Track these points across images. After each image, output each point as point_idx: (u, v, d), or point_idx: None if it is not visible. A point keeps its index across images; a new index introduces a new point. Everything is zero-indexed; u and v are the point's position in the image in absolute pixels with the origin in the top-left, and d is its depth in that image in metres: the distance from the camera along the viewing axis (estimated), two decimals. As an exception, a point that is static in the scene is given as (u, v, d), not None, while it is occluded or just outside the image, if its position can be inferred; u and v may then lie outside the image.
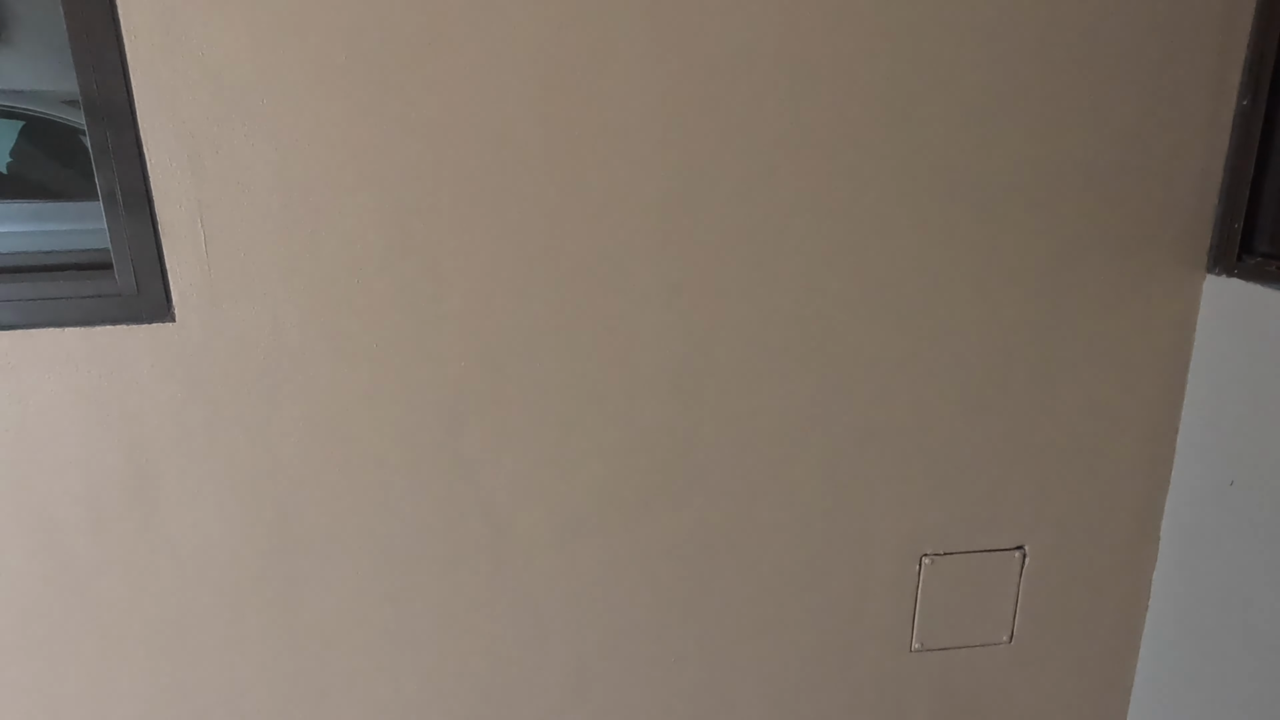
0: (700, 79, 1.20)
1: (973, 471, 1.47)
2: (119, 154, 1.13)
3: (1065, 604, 1.58)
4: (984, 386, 1.42)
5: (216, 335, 1.20)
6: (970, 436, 1.44)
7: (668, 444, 1.37)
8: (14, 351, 1.16)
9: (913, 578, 1.52)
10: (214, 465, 1.25)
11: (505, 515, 1.36)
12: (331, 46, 1.11)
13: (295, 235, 1.17)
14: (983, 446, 1.45)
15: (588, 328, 1.28)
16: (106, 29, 1.08)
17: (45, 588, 1.27)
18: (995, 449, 1.46)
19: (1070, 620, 1.60)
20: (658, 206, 1.24)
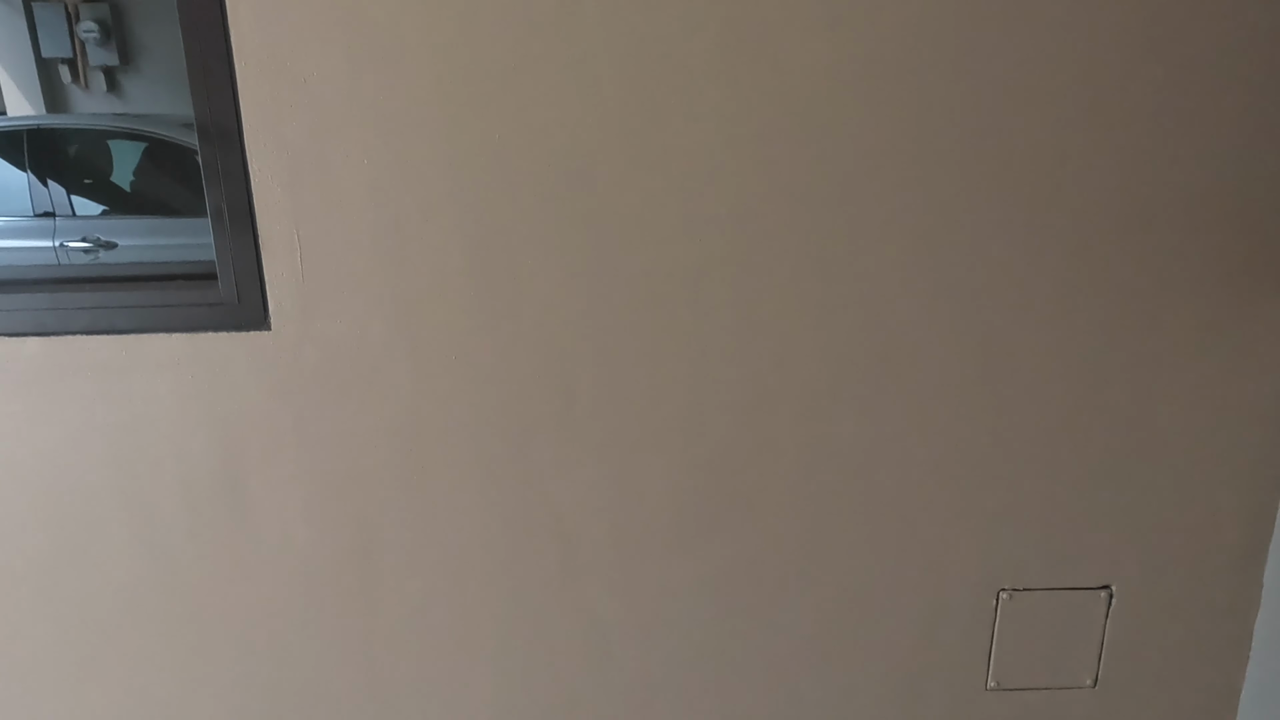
0: (776, 101, 1.20)
1: (1056, 504, 1.41)
2: (226, 173, 1.21)
3: (1156, 650, 1.50)
4: (1071, 416, 1.36)
5: (307, 344, 1.26)
6: (1055, 467, 1.39)
7: (736, 465, 1.36)
8: (128, 354, 1.26)
9: (989, 612, 1.47)
10: (300, 467, 1.31)
11: (573, 529, 1.38)
12: (422, 73, 1.17)
13: (382, 251, 1.23)
14: (1068, 478, 1.40)
15: (658, 347, 1.30)
16: (220, 57, 1.17)
17: (144, 573, 1.36)
18: (1082, 481, 1.40)
19: (1161, 667, 1.51)
20: (731, 227, 1.25)
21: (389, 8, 1.15)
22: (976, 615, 1.47)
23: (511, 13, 1.16)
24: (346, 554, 1.36)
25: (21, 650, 1.40)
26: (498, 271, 1.25)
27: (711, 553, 1.40)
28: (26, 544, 1.34)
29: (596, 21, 1.16)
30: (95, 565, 1.36)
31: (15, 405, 1.27)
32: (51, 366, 1.26)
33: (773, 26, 1.18)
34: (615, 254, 1.25)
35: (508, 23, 1.16)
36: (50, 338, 1.26)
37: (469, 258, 1.24)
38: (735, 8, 1.17)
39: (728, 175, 1.23)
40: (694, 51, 1.18)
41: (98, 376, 1.26)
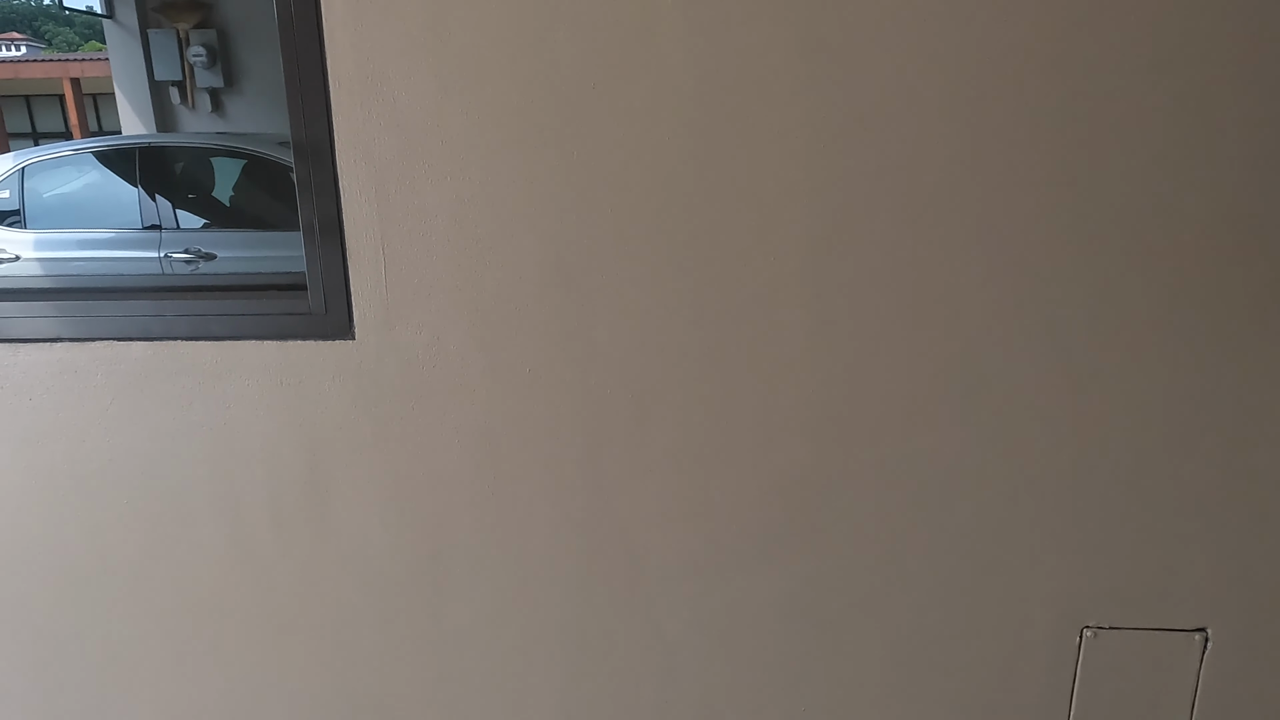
0: (855, 119, 1.19)
1: (1149, 536, 1.34)
2: (319, 189, 1.27)
3: (1255, 701, 1.40)
4: (1166, 443, 1.30)
5: (389, 353, 1.31)
6: (1148, 496, 1.32)
7: (807, 487, 1.35)
8: (224, 359, 1.32)
9: (1072, 651, 1.40)
10: (378, 473, 1.36)
11: (640, 543, 1.38)
12: (503, 94, 1.20)
13: (462, 265, 1.27)
14: (1162, 509, 1.33)
15: (729, 363, 1.29)
16: (317, 80, 1.23)
17: (230, 569, 1.42)
18: (1178, 513, 1.33)
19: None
20: (806, 245, 1.24)
21: (474, 33, 1.19)
22: (1057, 654, 1.41)
23: (590, 34, 1.18)
24: (419, 558, 1.40)
25: (118, 639, 1.48)
26: (572, 286, 1.27)
27: (778, 575, 1.38)
28: (126, 536, 1.42)
29: (673, 42, 1.18)
30: (186, 559, 1.43)
31: (122, 404, 1.35)
32: (154, 369, 1.34)
33: (852, 43, 1.17)
34: (689, 270, 1.26)
35: (586, 44, 1.18)
36: (154, 342, 1.33)
37: (545, 272, 1.26)
38: (813, 26, 1.16)
39: (804, 192, 1.22)
40: (771, 68, 1.18)
41: (195, 379, 1.33)
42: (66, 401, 1.36)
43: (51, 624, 1.47)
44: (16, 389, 1.35)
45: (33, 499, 1.41)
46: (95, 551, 1.43)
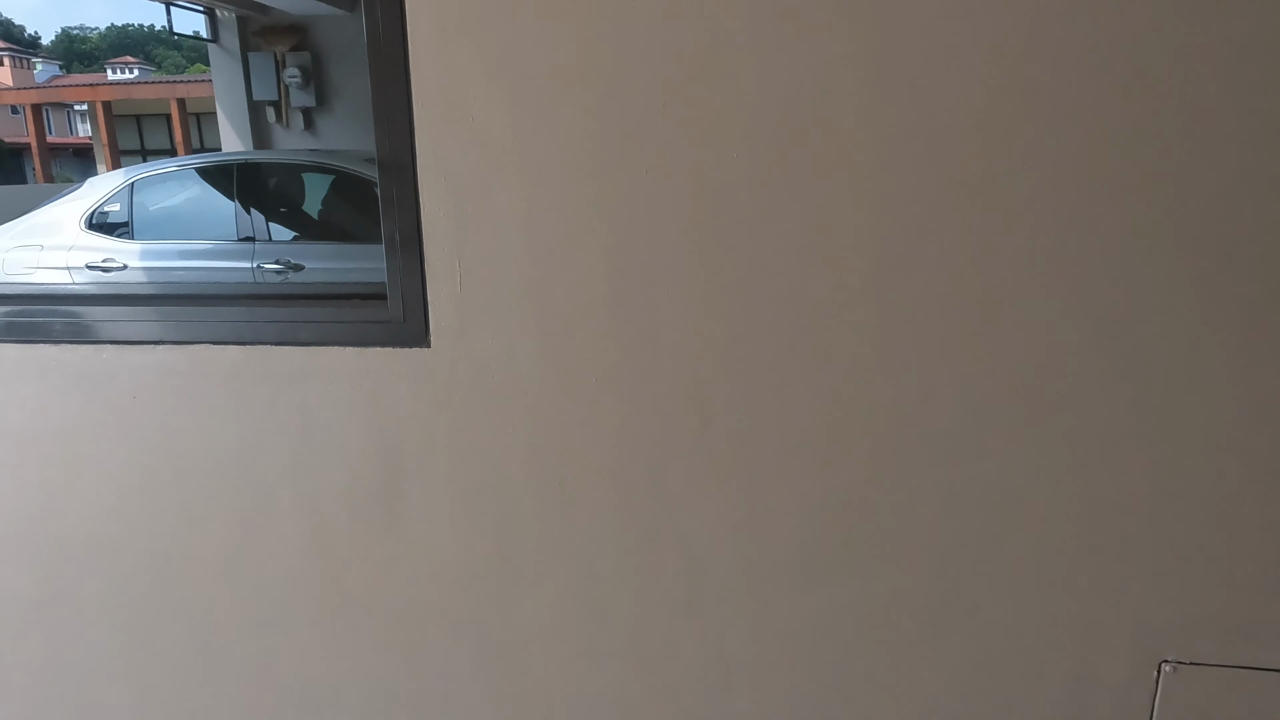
0: (923, 134, 1.19)
1: (1235, 567, 1.28)
2: (400, 204, 1.33)
3: (1353, 749, 1.32)
4: (1255, 464, 1.23)
5: (462, 362, 1.36)
6: (1235, 522, 1.26)
7: (871, 503, 1.34)
8: (308, 364, 1.40)
9: (1148, 687, 1.35)
10: (449, 476, 1.41)
11: (701, 556, 1.39)
12: (576, 112, 1.24)
13: (533, 277, 1.31)
14: (1252, 535, 1.26)
15: (794, 377, 1.30)
16: (402, 99, 1.29)
17: (308, 566, 1.49)
18: (1269, 540, 1.26)
19: (1361, 770, 1.33)
20: (872, 258, 1.24)
21: (549, 55, 1.23)
22: (1133, 689, 1.35)
23: (660, 55, 1.21)
24: (487, 560, 1.44)
25: (205, 626, 1.56)
26: (639, 299, 1.30)
27: (839, 593, 1.37)
28: (215, 529, 1.50)
29: (740, 62, 1.20)
30: (269, 555, 1.50)
31: (216, 404, 1.44)
32: (246, 372, 1.42)
33: (921, 61, 1.17)
34: (754, 284, 1.27)
35: (656, 65, 1.21)
36: (246, 346, 1.42)
37: (613, 285, 1.30)
38: (881, 45, 1.17)
39: (870, 209, 1.22)
40: (838, 87, 1.19)
41: (282, 383, 1.41)
42: (166, 400, 1.45)
43: (146, 608, 1.57)
44: (123, 387, 1.45)
45: (134, 490, 1.51)
46: (187, 542, 1.52)
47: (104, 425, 1.48)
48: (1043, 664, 1.36)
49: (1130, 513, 1.28)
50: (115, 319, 1.47)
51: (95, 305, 1.52)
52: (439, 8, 1.24)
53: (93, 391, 1.47)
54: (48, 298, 1.61)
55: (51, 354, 1.47)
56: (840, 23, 1.17)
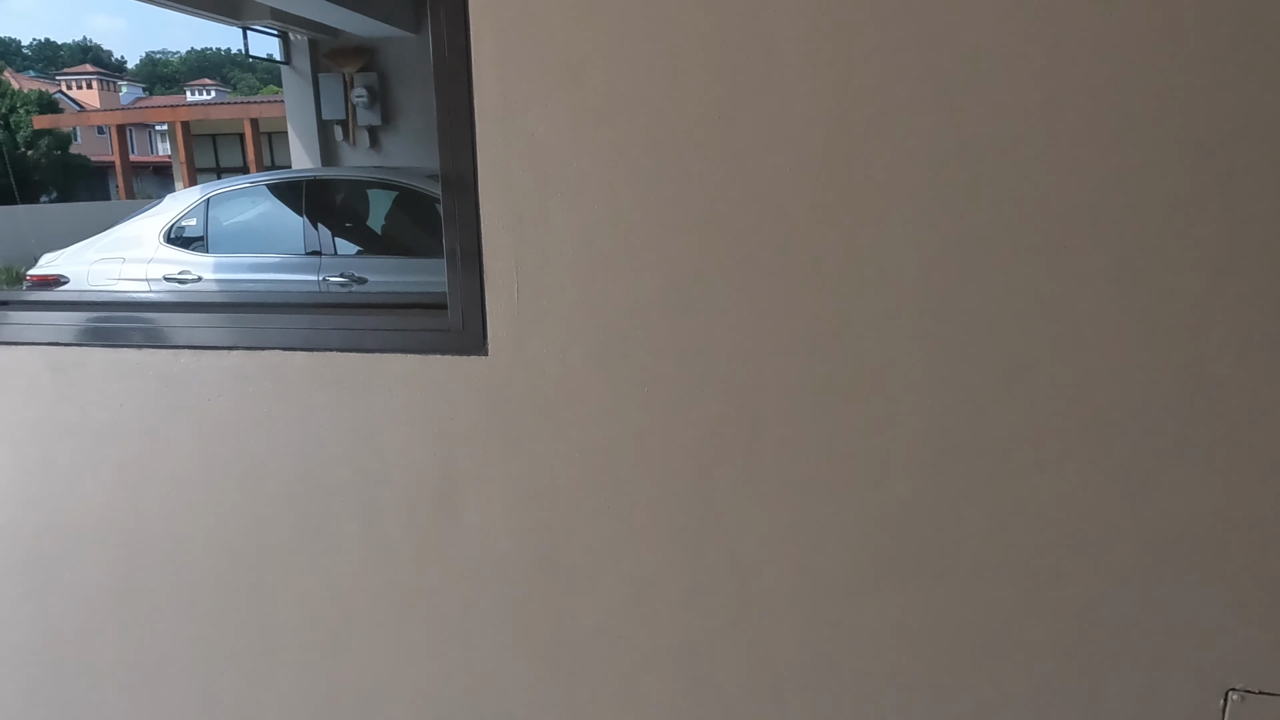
0: (978, 150, 1.19)
1: (1305, 599, 1.23)
2: (462, 217, 1.38)
3: None
4: (1323, 500, 1.20)
5: (518, 370, 1.39)
6: (1302, 557, 1.22)
7: (922, 518, 1.32)
8: (372, 370, 1.45)
9: (1215, 716, 1.30)
10: (504, 482, 1.44)
11: (750, 566, 1.40)
12: (633, 127, 1.27)
13: (588, 288, 1.34)
14: (1321, 571, 1.22)
15: (845, 390, 1.30)
16: (464, 116, 1.34)
17: (367, 567, 1.54)
18: (1340, 577, 1.22)
19: None
20: (927, 271, 1.24)
21: (606, 70, 1.27)
22: (1199, 719, 1.31)
23: (714, 67, 1.24)
24: (539, 565, 1.47)
25: (269, 623, 1.62)
26: (692, 310, 1.32)
27: (890, 607, 1.36)
28: (280, 529, 1.56)
29: (796, 75, 1.21)
30: (330, 554, 1.56)
31: (284, 407, 1.50)
32: (312, 377, 1.48)
33: (979, 75, 1.17)
34: (806, 297, 1.28)
35: (711, 79, 1.24)
36: (313, 352, 1.48)
37: (665, 297, 1.32)
38: (938, 58, 1.17)
39: (926, 222, 1.22)
40: (894, 101, 1.20)
41: (347, 388, 1.47)
42: (238, 403, 1.52)
43: (214, 604, 1.64)
44: (199, 390, 1.53)
45: (206, 489, 1.58)
46: (255, 541, 1.58)
47: (180, 426, 1.56)
48: (1104, 690, 1.32)
49: (1196, 536, 1.25)
50: (192, 325, 1.55)
51: (174, 312, 1.60)
52: (501, 29, 1.29)
53: (171, 394, 1.55)
54: (131, 305, 1.70)
55: (134, 358, 1.56)
56: (894, 36, 1.18)
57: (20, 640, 1.75)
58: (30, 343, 1.60)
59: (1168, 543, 1.26)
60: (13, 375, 1.61)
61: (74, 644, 1.73)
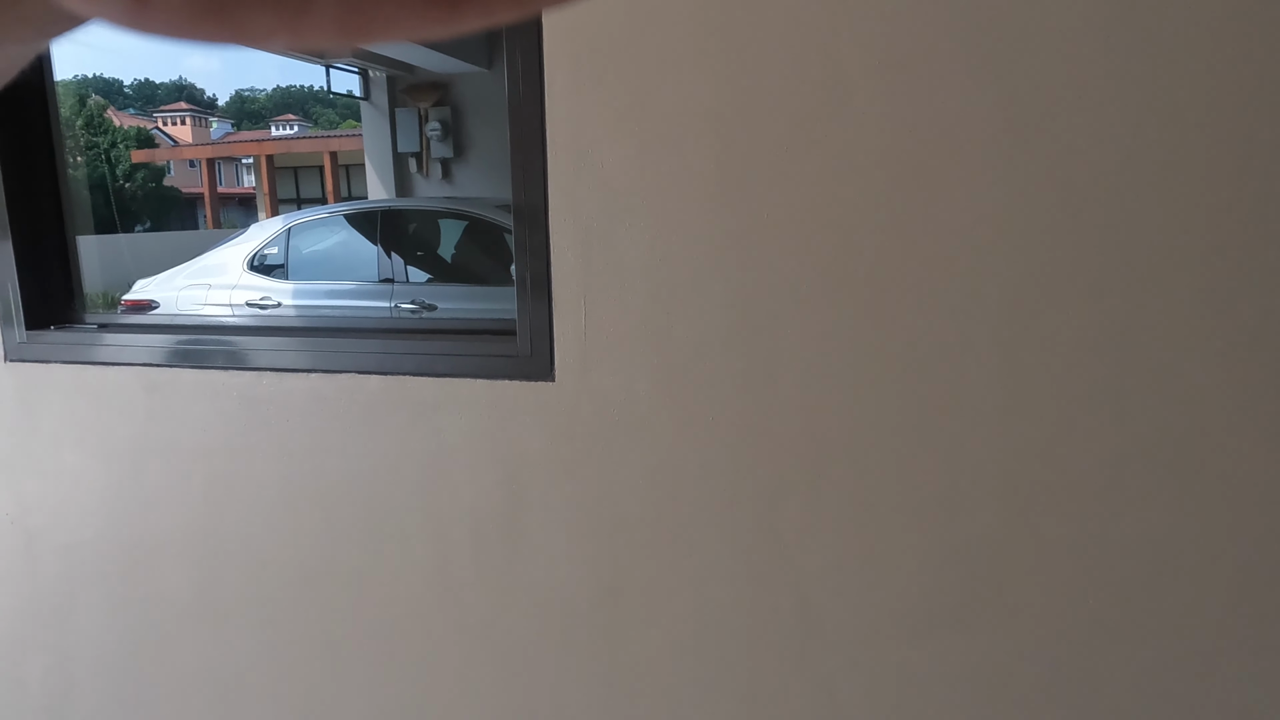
0: (1056, 182, 1.16)
1: None
2: (533, 248, 1.41)
3: None
4: None
5: (584, 397, 1.41)
6: None
7: (996, 557, 1.28)
8: (442, 394, 1.49)
9: (1317, 778, 1.22)
10: (568, 508, 1.45)
11: (815, 600, 1.37)
12: (700, 158, 1.29)
13: (655, 316, 1.35)
14: None
15: (914, 423, 1.27)
16: (537, 149, 1.38)
17: (432, 587, 1.57)
18: None
19: None
20: (999, 304, 1.21)
21: (675, 103, 1.29)
22: (1299, 778, 1.22)
23: (783, 98, 1.24)
24: (600, 594, 1.47)
25: (337, 638, 1.66)
26: (758, 340, 1.32)
27: (960, 648, 1.32)
28: (351, 547, 1.61)
29: (866, 106, 1.21)
30: (397, 575, 1.59)
31: (358, 428, 1.55)
32: (385, 400, 1.53)
33: (1055, 104, 1.15)
34: (875, 328, 1.27)
35: (780, 108, 1.25)
36: (386, 376, 1.52)
37: (731, 325, 1.32)
38: (1012, 84, 1.16)
39: (999, 252, 1.20)
40: (966, 128, 1.19)
41: (417, 411, 1.51)
42: (315, 424, 1.58)
43: (286, 619, 1.68)
44: (279, 410, 1.59)
45: (282, 506, 1.63)
46: (326, 557, 1.63)
47: (260, 445, 1.62)
48: (1190, 743, 1.25)
49: None
50: (275, 349, 1.62)
51: (258, 336, 1.67)
52: (574, 64, 1.33)
53: (252, 413, 1.61)
54: (218, 328, 1.79)
55: (219, 379, 1.63)
56: (967, 66, 1.17)
57: (106, 649, 1.83)
58: (126, 363, 1.69)
59: (1262, 585, 1.19)
60: (111, 393, 1.70)
61: (155, 654, 1.80)
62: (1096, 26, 1.13)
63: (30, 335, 1.74)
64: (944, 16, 1.17)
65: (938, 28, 1.18)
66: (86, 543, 1.78)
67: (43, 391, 1.75)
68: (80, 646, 1.85)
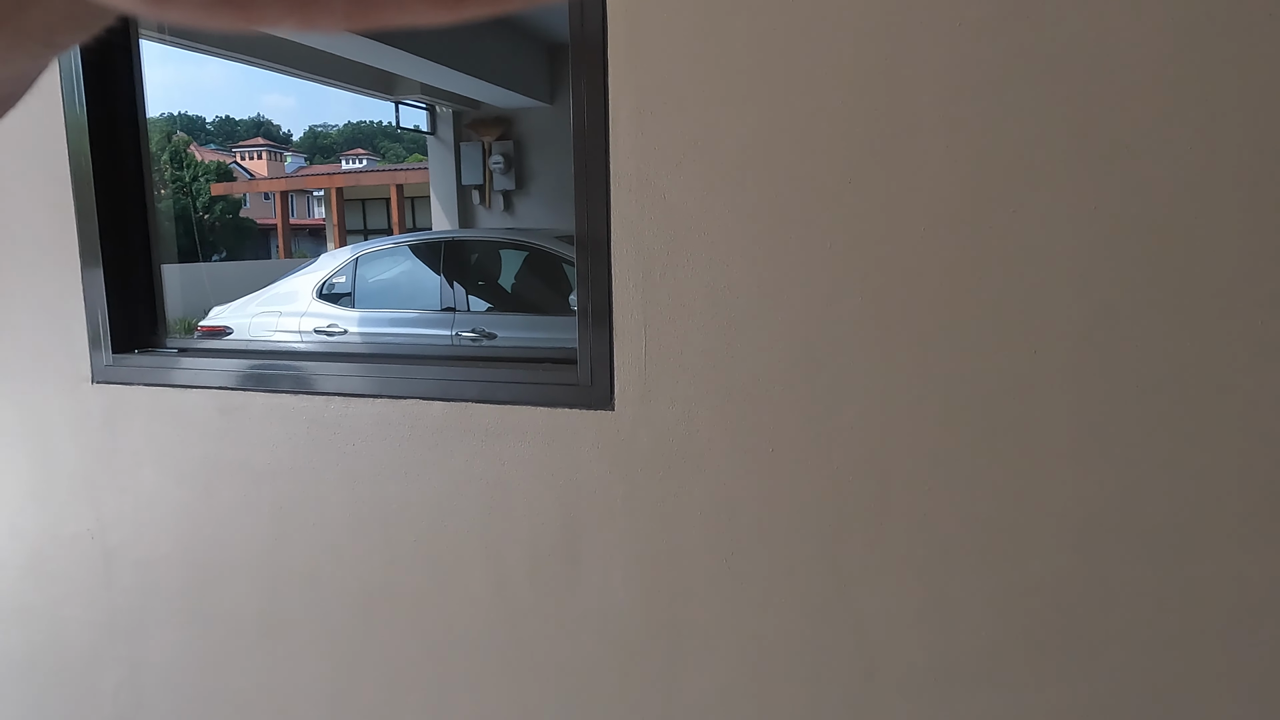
0: (1130, 212, 1.13)
1: None
2: (594, 276, 1.43)
3: None
4: None
5: (643, 425, 1.41)
6: None
7: (1070, 601, 1.23)
8: (503, 421, 1.50)
9: None
10: (625, 537, 1.45)
11: (878, 641, 1.33)
12: (764, 189, 1.29)
13: (714, 347, 1.35)
14: None
15: (983, 459, 1.24)
16: (600, 181, 1.40)
17: (490, 611, 1.57)
18: None
19: None
20: (1073, 342, 1.18)
21: (739, 135, 1.30)
22: None
23: (848, 132, 1.24)
24: (657, 626, 1.46)
25: (395, 661, 1.68)
26: (820, 371, 1.30)
27: (1033, 695, 1.26)
28: (411, 570, 1.63)
29: (932, 137, 1.20)
30: (455, 600, 1.60)
31: (422, 454, 1.58)
32: (447, 426, 1.55)
33: (1125, 136, 1.12)
34: (940, 361, 1.24)
35: (845, 142, 1.24)
36: (449, 403, 1.55)
37: (793, 356, 1.31)
38: (1083, 120, 1.14)
39: (1069, 286, 1.17)
40: (1037, 164, 1.16)
41: (479, 437, 1.53)
42: (380, 448, 1.61)
43: (347, 640, 1.71)
44: (347, 434, 1.63)
45: (347, 529, 1.67)
46: (387, 580, 1.65)
47: (327, 468, 1.66)
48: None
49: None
50: (343, 374, 1.66)
51: (328, 362, 1.72)
52: (638, 98, 1.35)
53: (320, 437, 1.66)
54: (290, 354, 1.85)
55: (290, 402, 1.68)
56: (1038, 100, 1.16)
57: (175, 663, 1.88)
58: (203, 386, 1.76)
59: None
60: (187, 415, 1.77)
61: (221, 670, 1.84)
62: (1172, 54, 1.10)
63: (116, 358, 1.83)
64: (1014, 46, 1.16)
65: (1007, 58, 1.17)
66: (160, 559, 1.85)
67: (125, 412, 1.83)
68: (151, 660, 1.90)
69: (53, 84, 1.77)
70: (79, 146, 1.78)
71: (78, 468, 1.89)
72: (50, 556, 1.96)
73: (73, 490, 1.90)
